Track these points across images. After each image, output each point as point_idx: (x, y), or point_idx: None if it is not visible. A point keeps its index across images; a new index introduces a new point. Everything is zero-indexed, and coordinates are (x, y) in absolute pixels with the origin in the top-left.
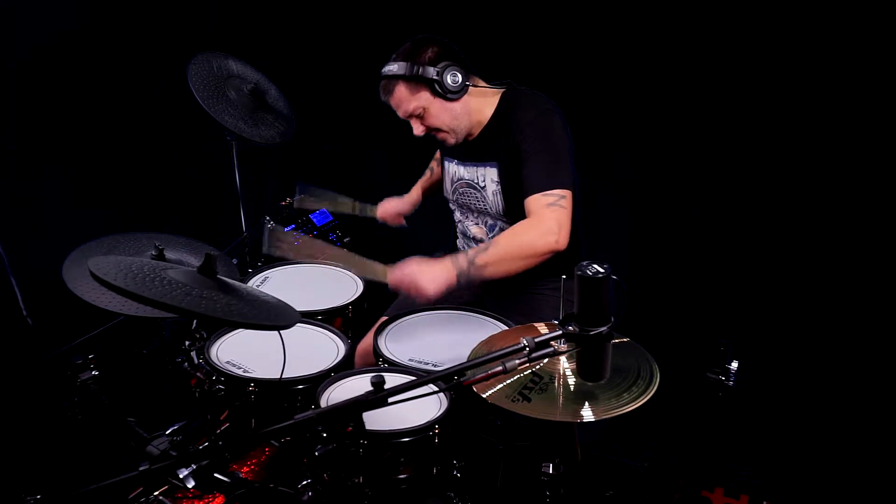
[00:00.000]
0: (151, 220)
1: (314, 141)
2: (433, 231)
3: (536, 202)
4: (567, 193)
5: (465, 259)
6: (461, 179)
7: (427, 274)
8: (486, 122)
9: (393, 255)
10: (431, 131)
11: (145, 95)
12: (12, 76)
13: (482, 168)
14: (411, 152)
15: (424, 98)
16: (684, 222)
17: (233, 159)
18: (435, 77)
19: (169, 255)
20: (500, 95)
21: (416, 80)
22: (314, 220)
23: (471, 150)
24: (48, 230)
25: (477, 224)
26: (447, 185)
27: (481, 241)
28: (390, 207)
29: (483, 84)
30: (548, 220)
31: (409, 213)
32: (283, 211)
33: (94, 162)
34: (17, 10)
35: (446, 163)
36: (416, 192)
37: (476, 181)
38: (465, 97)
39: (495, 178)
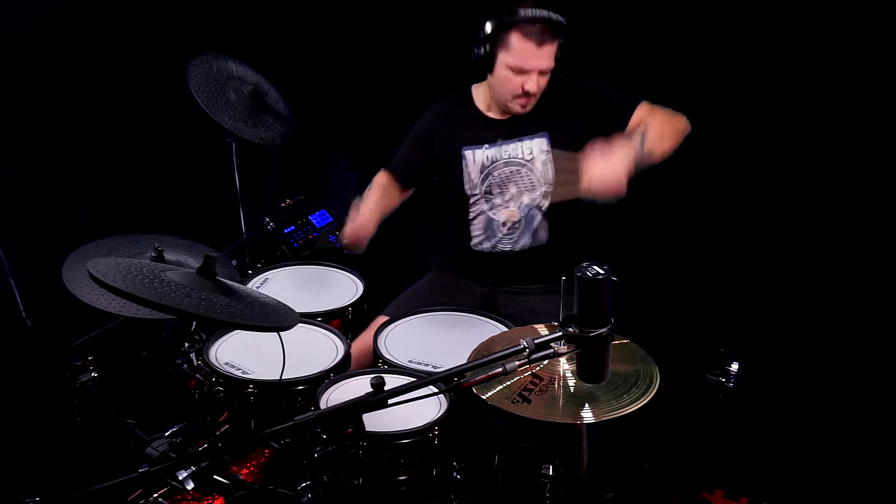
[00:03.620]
0: (151, 222)
1: (314, 142)
2: (432, 234)
3: (641, 111)
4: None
5: (635, 141)
6: (498, 161)
7: (614, 173)
8: None
9: (392, 257)
10: (532, 95)
11: (145, 96)
12: (11, 75)
13: (529, 141)
14: None
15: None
16: (684, 223)
17: (232, 161)
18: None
19: (168, 256)
20: None
21: (562, 49)
22: (314, 221)
23: (514, 127)
24: (47, 231)
25: (507, 207)
26: (473, 177)
27: (513, 224)
28: (358, 233)
29: None
30: (664, 111)
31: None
32: (283, 212)
33: (94, 163)
34: (16, 9)
35: (468, 152)
36: (376, 216)
37: (522, 156)
38: None
39: (545, 147)
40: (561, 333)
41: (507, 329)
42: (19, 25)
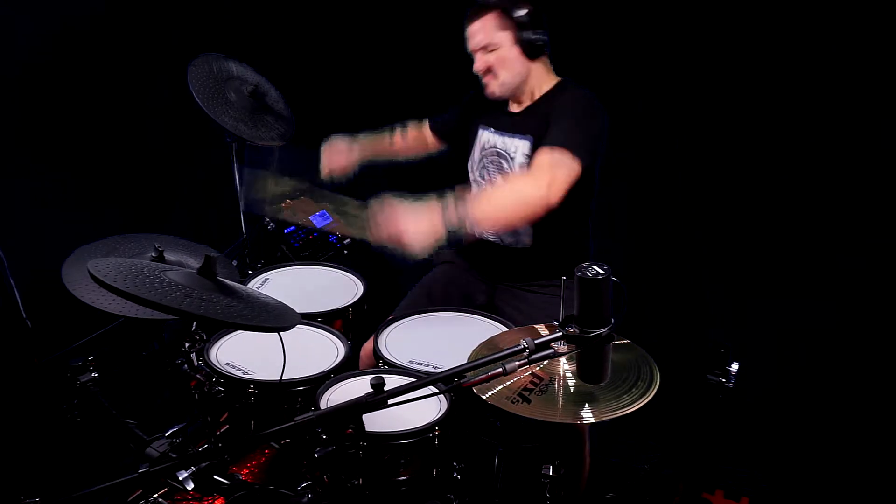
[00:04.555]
0: (151, 222)
1: (314, 143)
2: None
3: (543, 155)
4: (575, 158)
5: (454, 209)
6: (493, 148)
7: (412, 227)
8: (536, 98)
9: (392, 256)
10: (487, 73)
11: (145, 97)
12: (11, 75)
13: (517, 140)
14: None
15: (505, 38)
16: (684, 223)
17: (232, 161)
18: (525, 23)
19: (168, 256)
20: (557, 82)
21: (509, 18)
22: (314, 221)
23: (512, 121)
24: (48, 232)
25: None
26: (474, 155)
27: None
28: (338, 157)
29: (550, 66)
30: (543, 174)
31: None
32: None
33: (94, 163)
34: (16, 9)
35: (480, 130)
36: (367, 148)
37: (508, 151)
38: (535, 63)
39: (527, 151)
40: (561, 333)
41: (507, 329)
42: (19, 26)
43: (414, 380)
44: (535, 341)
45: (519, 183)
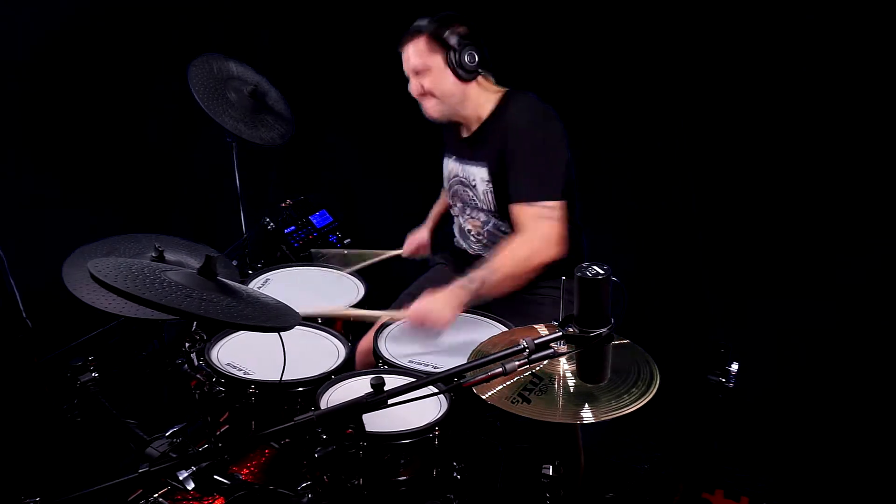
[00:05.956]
0: (151, 222)
1: (314, 143)
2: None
3: (524, 213)
4: (557, 204)
5: (472, 285)
6: (456, 176)
7: (438, 310)
8: (483, 119)
9: (392, 257)
10: (424, 96)
11: (145, 97)
12: (10, 76)
13: (473, 167)
14: (412, 155)
15: (436, 61)
16: (684, 223)
17: (233, 161)
18: (455, 47)
19: (169, 256)
20: (500, 95)
21: (439, 42)
22: (314, 221)
23: (466, 147)
24: (48, 231)
25: (472, 218)
26: (445, 182)
27: (478, 234)
28: (415, 242)
29: (492, 81)
30: (540, 235)
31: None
32: (283, 212)
33: (94, 163)
34: (15, 9)
35: (445, 158)
36: (433, 218)
37: (468, 179)
38: (471, 84)
39: (485, 177)
40: (561, 333)
41: (507, 329)
42: (20, 26)
43: (414, 380)
44: (535, 341)
45: (516, 249)
